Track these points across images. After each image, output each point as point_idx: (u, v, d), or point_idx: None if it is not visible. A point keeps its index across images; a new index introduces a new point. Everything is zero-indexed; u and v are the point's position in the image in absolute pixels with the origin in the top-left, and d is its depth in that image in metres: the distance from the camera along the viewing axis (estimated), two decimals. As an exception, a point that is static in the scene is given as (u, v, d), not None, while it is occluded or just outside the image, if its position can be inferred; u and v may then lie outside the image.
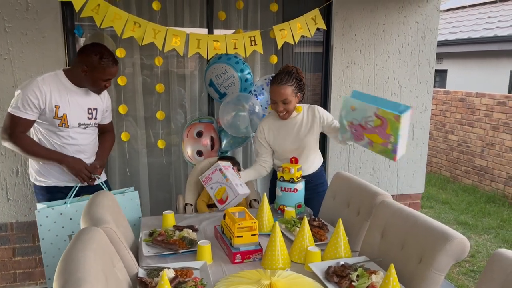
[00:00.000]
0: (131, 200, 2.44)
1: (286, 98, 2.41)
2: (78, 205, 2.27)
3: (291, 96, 2.42)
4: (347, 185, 2.35)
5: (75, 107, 2.29)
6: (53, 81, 2.23)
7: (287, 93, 2.40)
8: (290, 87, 2.40)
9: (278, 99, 2.42)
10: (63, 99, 2.24)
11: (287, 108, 2.44)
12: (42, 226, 2.21)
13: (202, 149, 2.96)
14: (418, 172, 3.75)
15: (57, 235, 2.24)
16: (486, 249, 4.11)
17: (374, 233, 1.93)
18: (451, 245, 1.55)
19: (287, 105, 2.43)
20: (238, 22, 3.36)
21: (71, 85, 2.29)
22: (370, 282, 1.57)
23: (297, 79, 2.44)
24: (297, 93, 2.45)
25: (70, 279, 1.18)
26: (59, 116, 2.23)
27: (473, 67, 8.77)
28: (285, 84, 2.40)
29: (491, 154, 5.90)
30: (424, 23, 3.51)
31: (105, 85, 2.31)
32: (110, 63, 2.24)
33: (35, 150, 2.24)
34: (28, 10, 2.76)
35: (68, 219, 2.26)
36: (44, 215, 2.21)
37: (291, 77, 2.41)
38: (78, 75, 2.26)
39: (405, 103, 3.59)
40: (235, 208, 2.04)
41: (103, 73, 2.25)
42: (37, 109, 2.18)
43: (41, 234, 2.21)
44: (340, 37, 3.37)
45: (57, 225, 2.24)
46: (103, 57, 2.22)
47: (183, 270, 1.65)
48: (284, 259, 1.79)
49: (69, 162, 2.27)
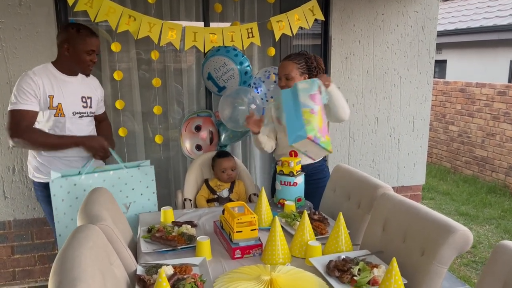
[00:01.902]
0: (146, 175, 2.42)
1: (289, 73, 2.43)
2: (92, 177, 2.27)
3: (295, 73, 2.44)
4: (348, 177, 2.32)
5: (68, 96, 2.27)
6: (44, 72, 2.21)
7: (290, 68, 2.43)
8: (295, 64, 2.44)
9: (282, 73, 2.47)
10: (56, 89, 2.22)
11: (289, 84, 2.43)
12: (55, 196, 2.19)
13: (201, 143, 2.93)
14: (419, 164, 3.73)
15: (70, 205, 2.23)
16: (488, 240, 4.10)
17: (375, 226, 1.90)
18: (454, 237, 1.53)
19: (289, 81, 2.44)
20: (235, 14, 3.31)
21: (62, 75, 2.27)
22: (372, 276, 1.55)
23: (307, 61, 2.46)
24: (303, 73, 2.46)
25: (66, 278, 1.16)
26: (54, 106, 2.20)
27: (472, 57, 8.72)
28: (291, 60, 2.45)
29: (492, 144, 5.88)
30: (423, 12, 3.46)
31: (90, 59, 2.29)
32: (88, 33, 2.24)
33: (48, 140, 2.19)
34: (21, 5, 2.72)
35: (82, 190, 2.24)
36: (58, 185, 2.19)
37: (300, 57, 2.46)
38: (63, 58, 2.26)
39: (405, 93, 3.56)
40: (234, 203, 2.02)
41: (84, 44, 2.23)
42: (36, 98, 2.14)
43: (54, 203, 2.19)
44: (338, 28, 3.32)
45: (70, 196, 2.23)
46: (80, 28, 2.23)
47: (182, 267, 1.63)
48: (284, 254, 1.77)
49: (87, 142, 2.26)
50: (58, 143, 2.22)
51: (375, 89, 3.49)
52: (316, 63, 2.49)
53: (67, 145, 2.24)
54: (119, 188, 2.33)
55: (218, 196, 2.69)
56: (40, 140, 2.17)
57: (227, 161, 2.72)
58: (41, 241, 3.04)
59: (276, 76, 2.86)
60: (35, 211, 2.97)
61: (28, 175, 2.43)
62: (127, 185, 2.36)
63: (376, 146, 3.59)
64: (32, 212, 2.97)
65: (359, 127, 3.52)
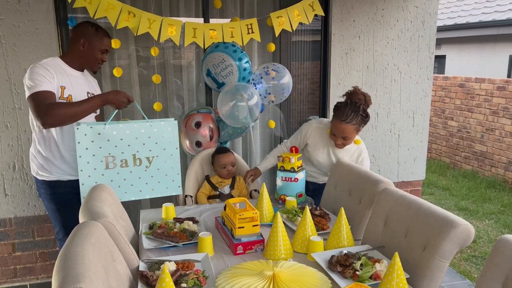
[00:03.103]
0: (170, 129, 2.42)
1: (348, 136, 2.38)
2: (117, 127, 2.29)
3: (353, 134, 2.39)
4: (348, 173, 2.32)
5: (77, 89, 2.28)
6: (54, 64, 2.22)
7: (348, 131, 2.35)
8: (353, 126, 2.34)
9: (339, 135, 2.38)
10: (66, 81, 2.23)
11: (346, 143, 2.43)
12: (80, 144, 2.21)
13: (201, 139, 2.93)
14: (419, 159, 3.73)
15: (94, 154, 2.25)
16: (488, 235, 4.11)
17: (377, 221, 1.91)
18: (456, 232, 1.53)
19: (346, 141, 2.42)
20: (234, 10, 3.30)
21: (70, 69, 2.29)
22: (374, 271, 1.55)
23: (363, 115, 2.35)
24: (359, 128, 2.39)
25: (69, 275, 1.16)
26: (64, 97, 2.20)
27: (471, 52, 8.71)
28: (349, 123, 2.33)
29: (491, 139, 5.88)
30: (423, 7, 3.45)
31: (102, 58, 2.37)
32: (105, 33, 2.37)
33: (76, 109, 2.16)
34: (20, 2, 2.71)
35: (106, 140, 2.27)
36: (83, 132, 2.20)
37: (357, 114, 2.32)
38: (75, 53, 2.30)
39: (405, 89, 3.56)
40: (235, 199, 2.02)
41: (101, 42, 2.33)
42: (51, 82, 2.14)
43: (78, 151, 2.20)
44: (338, 23, 3.32)
45: (94, 145, 2.24)
46: (98, 28, 2.34)
47: (185, 263, 1.63)
48: (286, 250, 1.77)
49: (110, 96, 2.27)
50: (86, 109, 2.20)
51: (375, 84, 3.49)
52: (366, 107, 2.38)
53: (95, 106, 2.24)
54: (143, 141, 2.36)
55: (220, 193, 2.69)
56: (68, 111, 2.15)
57: (226, 157, 2.72)
58: (42, 238, 3.04)
59: (275, 73, 2.86)
60: (36, 208, 2.97)
61: (30, 173, 2.41)
62: (151, 138, 2.38)
63: (376, 142, 3.60)
64: (33, 209, 2.97)
65: (359, 123, 3.52)
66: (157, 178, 2.42)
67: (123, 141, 2.31)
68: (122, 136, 2.30)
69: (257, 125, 3.50)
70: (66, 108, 2.15)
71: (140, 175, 2.37)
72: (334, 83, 3.41)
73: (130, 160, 2.34)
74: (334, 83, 3.40)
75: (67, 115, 2.15)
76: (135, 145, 2.34)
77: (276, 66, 2.90)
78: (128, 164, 2.34)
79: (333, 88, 3.41)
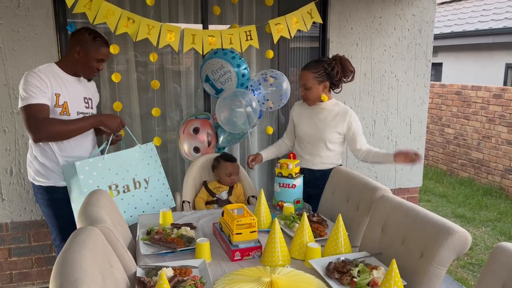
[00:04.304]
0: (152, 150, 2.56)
1: (306, 83, 2.47)
2: (114, 155, 2.37)
3: (311, 83, 2.46)
4: (346, 179, 2.33)
5: (73, 95, 2.27)
6: (49, 71, 2.20)
7: (306, 78, 2.47)
8: (312, 74, 2.45)
9: (300, 83, 2.52)
10: (61, 88, 2.21)
11: (307, 94, 2.49)
12: (83, 178, 2.22)
13: (199, 145, 2.93)
14: (416, 166, 3.74)
15: (98, 186, 2.27)
16: (484, 242, 4.12)
17: (375, 228, 1.91)
18: (453, 239, 1.54)
19: (307, 91, 2.49)
20: (233, 17, 3.32)
21: (66, 75, 2.27)
22: (371, 278, 1.55)
23: (326, 68, 2.45)
24: (321, 81, 2.46)
25: (66, 281, 1.16)
26: (60, 104, 2.19)
27: (468, 60, 8.77)
28: (307, 70, 2.47)
29: (488, 147, 5.91)
30: (420, 15, 3.49)
31: (97, 67, 2.31)
32: (103, 43, 2.30)
33: (69, 127, 2.16)
34: (19, 6, 2.71)
35: (107, 169, 2.33)
36: (84, 166, 2.23)
37: (318, 64, 2.46)
38: (71, 59, 2.26)
39: (403, 96, 3.58)
40: (233, 205, 2.02)
41: (97, 52, 2.26)
42: (45, 92, 2.13)
43: (83, 185, 2.21)
44: (336, 31, 3.34)
45: (97, 176, 2.28)
46: (97, 36, 2.27)
47: (182, 269, 1.63)
48: (284, 256, 1.77)
49: (106, 122, 2.28)
50: (79, 127, 2.21)
51: (372, 91, 3.51)
52: (341, 67, 2.46)
53: (88, 126, 2.26)
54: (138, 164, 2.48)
55: (218, 198, 2.70)
56: (60, 129, 2.14)
57: (233, 165, 2.74)
58: (38, 244, 3.03)
59: (273, 79, 2.87)
60: (33, 213, 2.96)
61: (27, 178, 2.41)
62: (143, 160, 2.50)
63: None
64: (29, 214, 2.96)
65: (356, 130, 3.53)
66: (155, 196, 2.51)
67: (122, 168, 2.38)
68: (120, 163, 2.37)
69: (255, 131, 3.51)
70: (59, 125, 2.14)
71: (141, 197, 2.45)
72: (332, 90, 3.42)
73: (131, 185, 2.41)
74: (332, 90, 3.42)
75: (59, 133, 2.15)
76: (133, 169, 2.42)
77: (274, 72, 2.92)
78: (130, 189, 2.40)
79: (331, 95, 3.42)
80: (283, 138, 2.83)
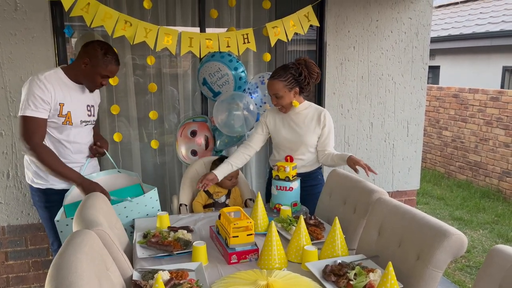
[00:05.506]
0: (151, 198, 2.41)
1: (277, 92, 2.43)
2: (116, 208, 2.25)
3: (282, 91, 2.42)
4: (343, 182, 2.33)
5: (77, 104, 2.26)
6: (55, 78, 2.18)
7: (276, 88, 2.42)
8: (281, 82, 2.41)
9: (270, 93, 2.47)
10: (66, 97, 2.20)
11: (280, 102, 2.45)
12: (63, 233, 2.19)
13: (196, 148, 2.93)
14: (413, 169, 3.75)
15: None
16: (482, 244, 4.12)
17: (371, 231, 1.91)
18: (449, 241, 1.54)
19: (279, 99, 2.45)
20: (230, 20, 3.33)
21: (70, 82, 2.25)
22: (368, 281, 1.55)
23: (294, 74, 2.42)
24: (291, 88, 2.43)
25: (62, 284, 1.15)
26: (63, 114, 2.19)
27: (465, 63, 8.80)
28: (276, 79, 2.42)
29: (485, 150, 5.92)
30: (417, 19, 3.50)
31: (101, 82, 2.28)
32: (113, 60, 2.24)
33: (53, 165, 2.15)
34: (16, 10, 2.72)
35: None
36: (64, 223, 2.18)
37: (285, 72, 2.42)
38: (77, 69, 2.23)
39: (399, 99, 3.59)
40: (230, 208, 2.02)
41: (104, 69, 2.22)
42: (48, 105, 2.12)
43: (63, 240, 2.19)
44: (333, 34, 3.35)
45: None
46: (108, 53, 2.22)
47: (179, 272, 1.63)
48: (280, 259, 1.77)
49: (86, 186, 2.22)
50: (61, 172, 2.18)
51: (369, 94, 3.52)
52: (308, 71, 2.44)
53: (69, 179, 2.22)
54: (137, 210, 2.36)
55: (215, 201, 2.69)
56: (45, 162, 2.14)
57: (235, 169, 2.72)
58: (35, 247, 3.02)
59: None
60: (29, 217, 2.95)
61: (24, 181, 2.40)
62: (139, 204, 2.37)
63: (370, 151, 3.61)
64: (26, 217, 2.95)
65: (353, 132, 3.54)
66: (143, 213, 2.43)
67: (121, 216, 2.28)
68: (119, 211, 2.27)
69: (253, 134, 3.50)
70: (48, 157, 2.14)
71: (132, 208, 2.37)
72: (329, 93, 3.43)
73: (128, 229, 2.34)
74: (329, 92, 3.43)
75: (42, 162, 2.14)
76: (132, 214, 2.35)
77: (271, 75, 2.92)
78: None
79: (328, 98, 3.43)
80: (245, 148, 2.59)
